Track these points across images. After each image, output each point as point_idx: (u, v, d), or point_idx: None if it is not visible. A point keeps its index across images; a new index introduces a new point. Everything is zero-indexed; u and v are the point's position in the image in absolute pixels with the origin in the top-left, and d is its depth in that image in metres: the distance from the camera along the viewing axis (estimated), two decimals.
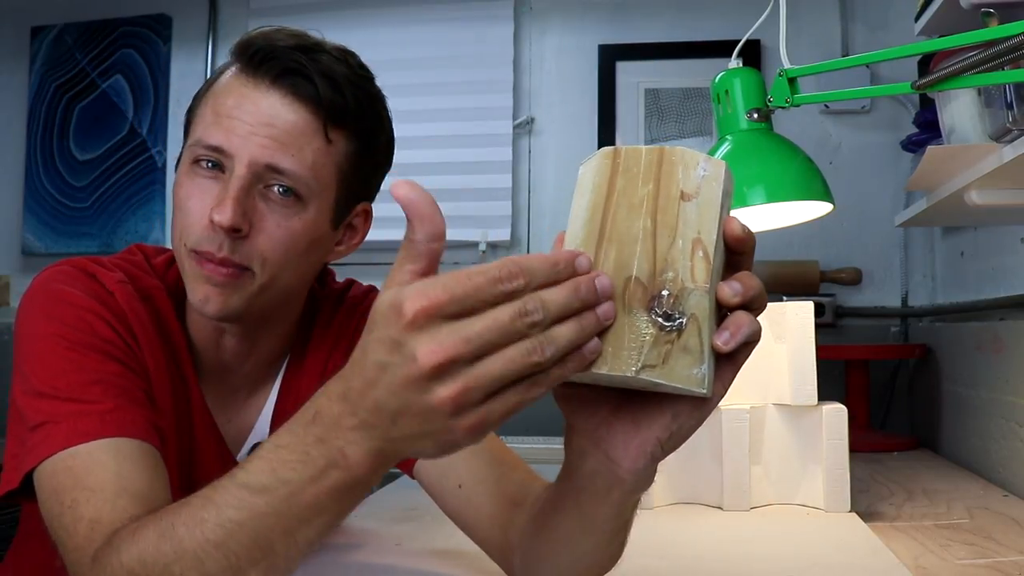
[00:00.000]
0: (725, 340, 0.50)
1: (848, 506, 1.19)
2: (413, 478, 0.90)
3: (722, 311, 0.51)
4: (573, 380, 0.51)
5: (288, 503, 0.52)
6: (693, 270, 0.50)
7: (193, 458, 0.85)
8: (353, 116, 0.81)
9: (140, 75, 2.43)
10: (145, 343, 0.79)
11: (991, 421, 1.48)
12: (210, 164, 0.78)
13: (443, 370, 0.45)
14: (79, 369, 0.73)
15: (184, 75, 2.42)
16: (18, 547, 0.92)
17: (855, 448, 1.26)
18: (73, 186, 2.43)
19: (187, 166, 0.80)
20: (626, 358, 0.48)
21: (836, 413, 1.21)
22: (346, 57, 0.82)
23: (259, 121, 0.77)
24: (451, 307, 0.45)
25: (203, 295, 0.78)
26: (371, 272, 2.26)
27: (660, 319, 0.49)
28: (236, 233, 0.76)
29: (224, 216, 0.75)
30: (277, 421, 0.89)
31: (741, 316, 0.51)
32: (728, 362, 0.52)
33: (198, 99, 0.83)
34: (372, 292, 0.98)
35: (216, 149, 0.77)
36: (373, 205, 0.92)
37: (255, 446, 0.89)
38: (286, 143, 0.77)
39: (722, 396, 0.54)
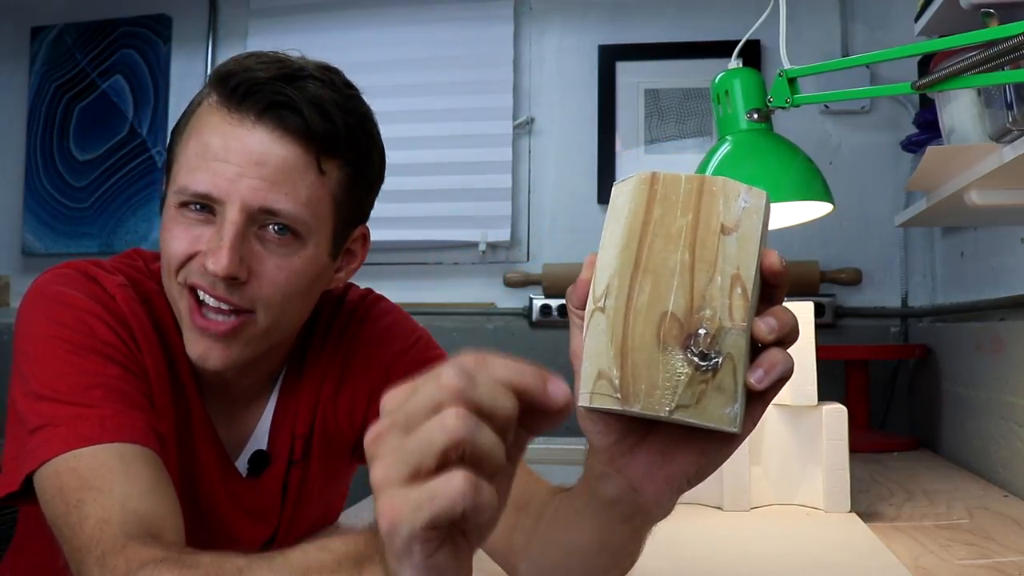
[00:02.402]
0: (759, 378, 0.49)
1: (848, 506, 1.19)
2: None
3: (754, 344, 0.50)
4: (600, 410, 0.50)
5: None
6: (731, 308, 0.49)
7: (194, 462, 0.84)
8: (345, 143, 0.78)
9: (140, 75, 2.43)
10: (146, 346, 0.78)
11: (991, 421, 1.48)
12: (198, 207, 0.75)
13: None
14: (79, 372, 0.73)
15: (184, 75, 2.42)
16: (16, 549, 0.92)
17: (855, 448, 1.26)
18: (73, 186, 2.43)
19: (173, 210, 0.77)
20: (660, 397, 0.48)
21: (836, 413, 1.21)
22: (330, 77, 0.78)
23: (248, 161, 0.73)
24: None
25: (202, 351, 0.77)
26: (370, 272, 2.26)
27: (696, 359, 0.48)
28: (234, 280, 0.74)
29: (219, 266, 0.73)
30: (275, 428, 0.89)
31: (775, 354, 0.50)
32: (759, 398, 0.51)
33: (179, 132, 0.80)
34: (369, 295, 0.97)
35: (204, 196, 0.74)
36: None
37: (255, 453, 0.88)
38: (278, 182, 0.74)
39: (751, 431, 0.53)
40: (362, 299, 0.96)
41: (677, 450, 0.55)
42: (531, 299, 2.21)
